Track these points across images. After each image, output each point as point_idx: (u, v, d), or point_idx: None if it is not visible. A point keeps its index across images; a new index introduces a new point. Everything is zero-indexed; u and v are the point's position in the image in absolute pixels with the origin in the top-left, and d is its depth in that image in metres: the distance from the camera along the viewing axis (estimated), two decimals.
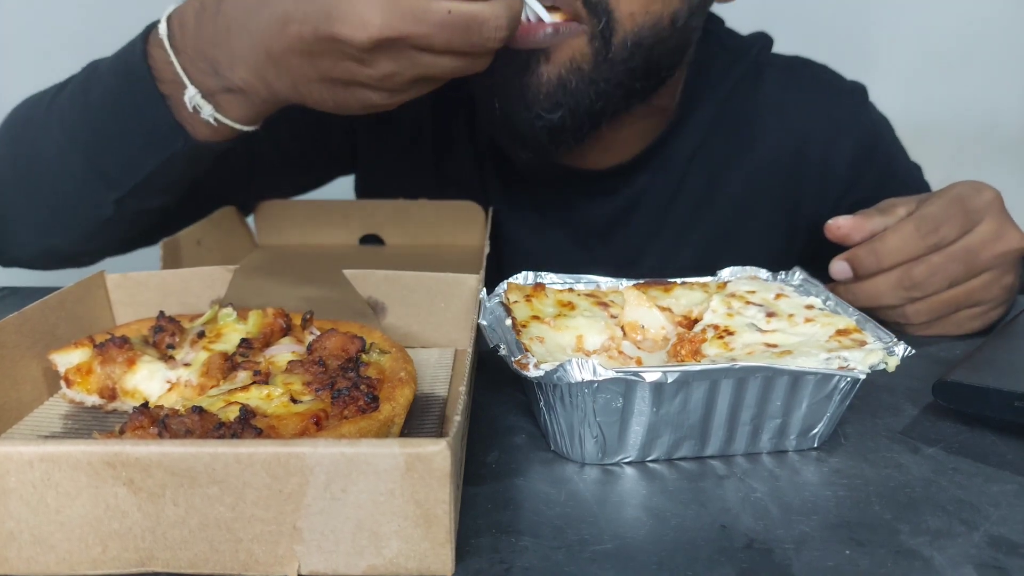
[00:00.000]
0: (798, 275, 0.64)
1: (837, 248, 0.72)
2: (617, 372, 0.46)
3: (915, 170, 0.98)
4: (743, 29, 1.00)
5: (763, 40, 0.96)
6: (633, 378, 0.46)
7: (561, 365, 0.46)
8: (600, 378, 0.46)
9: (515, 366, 0.48)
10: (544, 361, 0.48)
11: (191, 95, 0.66)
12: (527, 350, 0.50)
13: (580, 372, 0.46)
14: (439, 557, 0.38)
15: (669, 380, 0.47)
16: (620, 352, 0.55)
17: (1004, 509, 0.46)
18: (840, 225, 0.68)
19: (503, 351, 0.51)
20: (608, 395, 0.47)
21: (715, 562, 0.41)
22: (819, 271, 1.05)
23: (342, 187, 1.13)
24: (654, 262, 0.93)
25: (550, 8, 0.68)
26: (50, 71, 0.84)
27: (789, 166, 0.92)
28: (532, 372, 0.47)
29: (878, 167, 0.93)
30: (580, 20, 0.69)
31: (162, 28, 0.67)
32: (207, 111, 0.67)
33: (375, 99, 0.61)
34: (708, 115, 0.91)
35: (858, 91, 0.97)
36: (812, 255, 0.92)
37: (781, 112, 0.92)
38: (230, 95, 0.66)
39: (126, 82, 0.70)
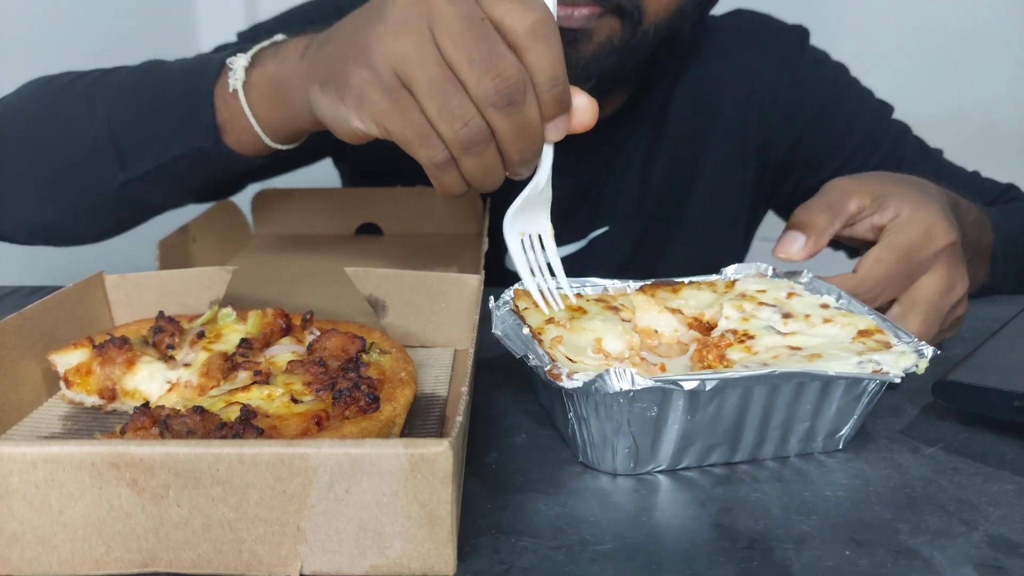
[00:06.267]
0: (806, 274, 0.64)
1: (800, 176, 0.83)
2: (656, 381, 0.45)
3: (877, 105, 1.01)
4: None
5: None
6: (671, 387, 0.45)
7: (600, 376, 0.45)
8: (638, 387, 0.45)
9: (548, 376, 0.47)
10: (576, 372, 0.46)
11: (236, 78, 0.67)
12: (554, 360, 0.49)
13: (619, 382, 0.45)
14: (442, 557, 0.38)
15: (707, 388, 0.46)
16: (642, 359, 0.55)
17: (1004, 509, 0.46)
18: (792, 257, 0.64)
19: (533, 361, 0.49)
20: (643, 404, 0.46)
21: (715, 562, 0.41)
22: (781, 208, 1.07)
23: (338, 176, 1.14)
24: (630, 210, 1.00)
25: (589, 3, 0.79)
26: (50, 71, 0.84)
27: (739, 107, 1.00)
28: (567, 383, 0.46)
29: (819, 100, 0.99)
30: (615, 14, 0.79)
31: (241, 63, 0.68)
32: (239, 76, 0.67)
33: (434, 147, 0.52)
34: (671, 73, 0.98)
35: (795, 33, 1.02)
36: (771, 189, 1.04)
37: (730, 61, 1.00)
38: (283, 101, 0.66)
39: (190, 73, 0.72)
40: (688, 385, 0.46)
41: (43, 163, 0.77)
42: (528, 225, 0.57)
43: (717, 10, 0.98)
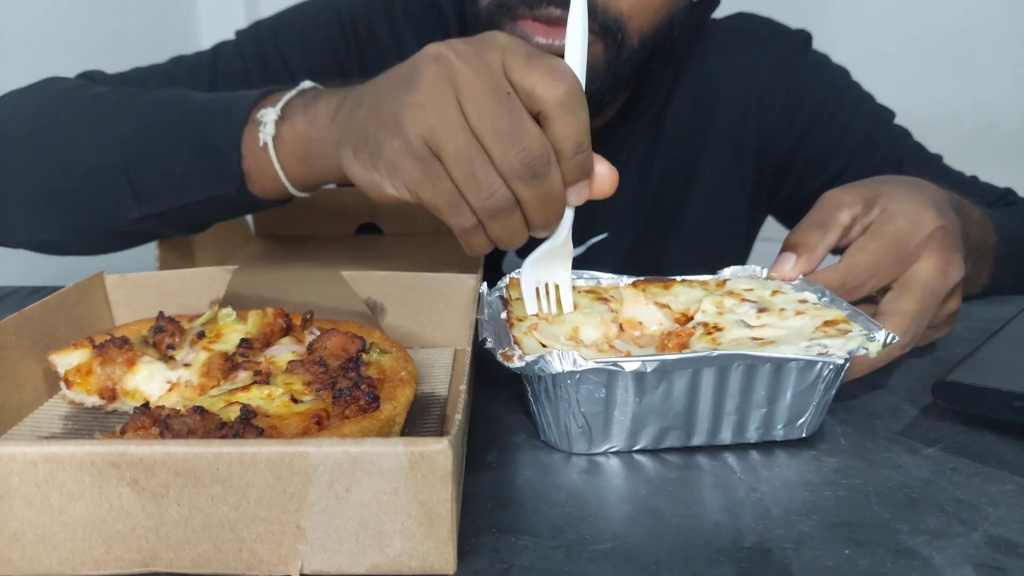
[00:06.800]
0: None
1: (800, 178, 0.85)
2: (597, 362, 0.47)
3: (877, 109, 1.01)
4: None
5: None
6: (613, 368, 0.48)
7: (542, 356, 0.47)
8: (581, 368, 0.47)
9: (500, 358, 0.49)
10: (528, 353, 0.49)
11: (266, 133, 0.66)
12: (516, 343, 0.51)
13: (561, 363, 0.47)
14: (442, 556, 0.38)
15: (649, 369, 0.48)
16: (611, 347, 0.56)
17: (1003, 509, 0.46)
18: (785, 275, 0.64)
19: (490, 344, 0.52)
20: (591, 385, 0.49)
21: (715, 562, 0.41)
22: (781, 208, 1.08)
23: None
24: (628, 212, 1.00)
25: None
26: (50, 71, 0.84)
27: (738, 108, 1.00)
28: (516, 364, 0.49)
29: (818, 100, 0.99)
30: (599, 37, 0.79)
31: (271, 116, 0.67)
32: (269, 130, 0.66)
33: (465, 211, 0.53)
34: (669, 76, 0.99)
35: (798, 36, 1.02)
36: (771, 190, 1.03)
37: (728, 62, 1.00)
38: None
39: (215, 117, 0.69)
40: (629, 366, 0.48)
41: (44, 163, 0.74)
42: (545, 275, 0.59)
43: (718, 13, 0.99)
